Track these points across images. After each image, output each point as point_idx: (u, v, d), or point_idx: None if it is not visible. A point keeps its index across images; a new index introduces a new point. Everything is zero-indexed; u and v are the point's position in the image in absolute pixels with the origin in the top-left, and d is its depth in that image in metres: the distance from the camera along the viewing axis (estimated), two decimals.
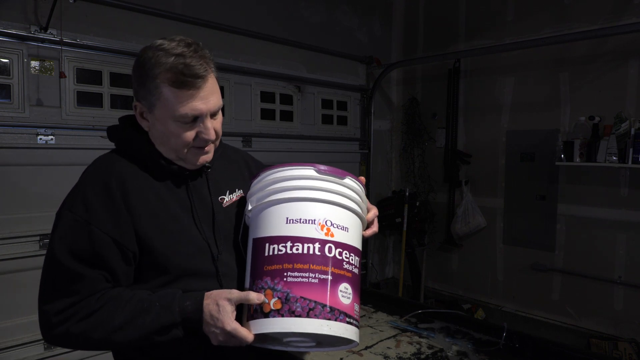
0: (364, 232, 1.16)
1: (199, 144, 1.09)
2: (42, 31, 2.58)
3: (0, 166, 2.51)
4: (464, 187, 4.28)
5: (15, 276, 2.54)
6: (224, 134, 1.18)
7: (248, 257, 1.08)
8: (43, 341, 2.59)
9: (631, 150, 3.16)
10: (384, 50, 4.78)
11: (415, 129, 4.69)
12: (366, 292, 2.48)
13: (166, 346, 1.06)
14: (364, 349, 1.76)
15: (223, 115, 1.16)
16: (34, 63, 2.61)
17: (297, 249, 0.99)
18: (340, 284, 0.99)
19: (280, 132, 3.90)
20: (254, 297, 0.99)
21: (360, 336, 1.07)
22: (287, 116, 4.00)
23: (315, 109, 4.20)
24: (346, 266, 1.02)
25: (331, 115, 4.39)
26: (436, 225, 4.60)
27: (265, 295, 0.98)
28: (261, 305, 0.97)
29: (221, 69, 3.42)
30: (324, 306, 0.96)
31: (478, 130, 4.30)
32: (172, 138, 1.06)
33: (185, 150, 1.08)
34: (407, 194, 4.35)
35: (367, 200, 1.17)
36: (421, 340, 1.85)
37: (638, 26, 3.10)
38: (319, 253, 0.99)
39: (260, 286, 0.99)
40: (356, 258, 1.05)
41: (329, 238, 1.01)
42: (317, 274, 0.97)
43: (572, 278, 3.74)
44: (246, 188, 1.26)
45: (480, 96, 4.28)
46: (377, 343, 1.81)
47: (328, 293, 0.97)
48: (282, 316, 0.95)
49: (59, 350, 2.62)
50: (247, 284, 1.05)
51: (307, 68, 4.08)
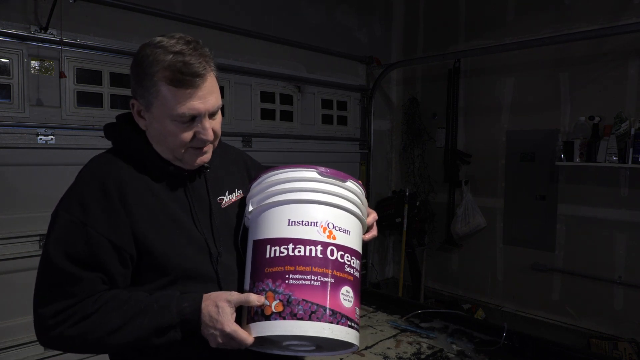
0: (364, 236, 1.15)
1: (197, 145, 1.07)
2: (42, 31, 2.58)
3: (0, 166, 2.51)
4: (464, 187, 4.28)
5: (15, 276, 2.54)
6: (224, 134, 1.17)
7: (248, 259, 1.07)
8: None
9: (631, 150, 3.16)
10: (384, 50, 4.78)
11: (415, 129, 4.69)
12: (366, 292, 2.48)
13: (165, 348, 1.05)
14: (364, 349, 1.76)
15: (223, 115, 1.15)
16: (34, 63, 2.61)
17: (299, 251, 0.98)
18: (342, 287, 0.98)
19: (280, 132, 3.90)
20: (255, 299, 0.97)
21: (360, 336, 1.07)
22: (287, 116, 4.00)
23: (315, 109, 4.20)
24: (348, 269, 1.01)
25: (331, 115, 4.39)
26: (436, 225, 4.60)
27: (266, 297, 0.96)
28: (262, 307, 0.96)
29: (221, 69, 3.41)
30: (326, 309, 0.95)
31: (478, 130, 4.30)
32: (169, 137, 1.04)
33: (182, 150, 1.06)
34: (407, 194, 4.35)
35: (367, 203, 1.17)
36: (421, 340, 1.85)
37: (638, 26, 3.10)
38: (321, 256, 0.98)
39: (261, 288, 0.98)
40: (357, 261, 1.05)
41: (331, 241, 1.00)
42: (319, 277, 0.97)
43: (572, 278, 3.74)
44: (245, 189, 1.25)
45: (480, 96, 4.28)
46: (377, 343, 1.81)
47: (330, 296, 0.96)
48: (284, 319, 0.94)
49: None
50: (247, 286, 1.03)
51: (307, 68, 4.08)
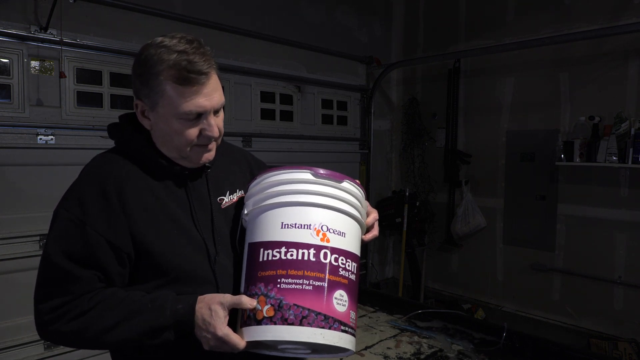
0: (364, 237, 1.14)
1: (203, 142, 1.08)
2: (42, 31, 2.58)
3: (0, 166, 2.51)
4: (464, 187, 4.28)
5: (15, 276, 2.54)
6: (225, 134, 1.17)
7: (244, 261, 1.07)
8: (43, 341, 2.59)
9: (631, 150, 3.16)
10: (384, 50, 4.78)
11: (415, 129, 4.69)
12: (366, 292, 2.48)
13: (164, 346, 1.05)
14: (364, 349, 1.76)
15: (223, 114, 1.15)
16: (34, 63, 2.61)
17: (292, 255, 0.97)
18: (335, 291, 0.97)
19: (280, 132, 3.90)
20: (246, 302, 0.97)
21: (360, 336, 1.07)
22: (287, 116, 4.00)
23: (315, 109, 4.20)
24: (342, 272, 0.99)
25: (331, 115, 4.39)
26: (436, 225, 4.60)
27: (258, 301, 0.96)
28: (254, 312, 0.96)
29: (221, 69, 3.41)
30: (318, 314, 0.94)
31: (478, 130, 4.30)
32: (175, 136, 1.05)
33: (188, 148, 1.07)
34: (407, 194, 4.35)
35: (368, 203, 1.15)
36: (421, 340, 1.85)
37: (638, 26, 3.10)
38: (314, 259, 0.97)
39: (253, 292, 0.98)
40: (353, 264, 1.03)
41: (325, 244, 0.99)
42: (312, 281, 0.96)
43: (572, 278, 3.74)
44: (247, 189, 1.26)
45: (480, 96, 4.28)
46: (377, 343, 1.81)
47: (323, 300, 0.95)
48: (275, 324, 0.94)
49: (59, 350, 2.62)
50: (242, 289, 1.03)
51: (307, 68, 4.08)
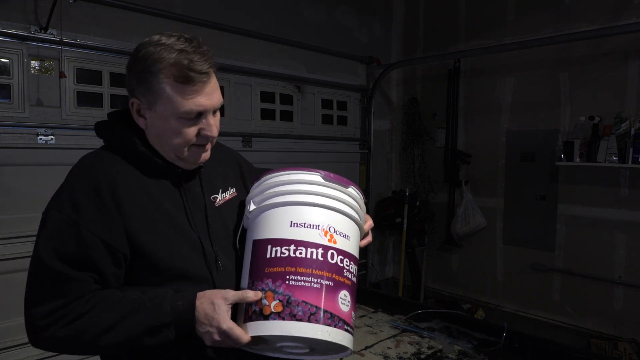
0: (360, 242, 1.16)
1: (201, 142, 1.06)
2: (42, 31, 2.58)
3: (0, 166, 2.51)
4: (464, 187, 4.28)
5: (15, 276, 2.53)
6: (225, 134, 1.18)
7: (246, 259, 1.07)
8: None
9: (631, 150, 3.16)
10: (384, 50, 4.78)
11: (415, 129, 4.69)
12: (366, 292, 2.48)
13: (158, 350, 1.03)
14: (364, 349, 1.76)
15: (223, 115, 1.15)
16: (34, 63, 2.61)
17: (301, 253, 0.98)
18: (340, 291, 0.99)
19: (280, 132, 3.90)
20: (251, 295, 0.97)
21: (360, 336, 1.07)
22: (287, 116, 4.00)
23: (315, 109, 4.20)
24: (346, 274, 1.02)
25: (331, 115, 4.39)
26: (436, 225, 4.60)
27: (265, 297, 0.97)
28: (261, 308, 0.96)
29: (221, 69, 3.42)
30: (325, 312, 0.95)
31: (478, 130, 4.30)
32: (174, 136, 1.03)
33: (185, 148, 1.05)
34: (407, 194, 4.35)
35: (365, 210, 1.18)
36: (421, 340, 1.85)
37: (638, 26, 3.10)
38: (322, 259, 0.99)
39: (260, 288, 0.98)
40: (355, 266, 1.06)
41: (332, 245, 1.01)
42: (320, 280, 0.97)
43: (572, 278, 3.74)
44: (239, 187, 1.26)
45: (480, 96, 4.28)
46: (377, 343, 1.81)
47: (330, 299, 0.97)
48: (283, 319, 0.94)
49: None
50: (245, 285, 1.03)
51: (307, 68, 4.08)
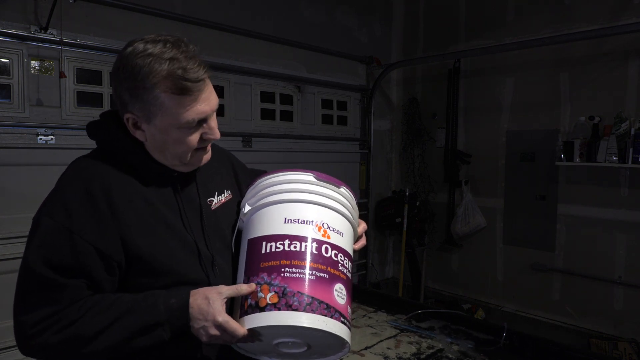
0: (354, 245, 1.16)
1: (203, 145, 1.06)
2: (42, 31, 2.58)
3: (0, 166, 2.51)
4: (464, 187, 4.28)
5: (15, 276, 2.52)
6: (225, 134, 1.18)
7: (241, 258, 1.07)
8: None
9: (631, 150, 3.16)
10: (384, 50, 4.78)
11: (415, 129, 4.69)
12: (366, 292, 2.48)
13: (154, 351, 1.01)
14: (364, 349, 1.76)
15: (223, 115, 1.16)
16: (34, 63, 2.61)
17: (295, 247, 1.00)
18: (335, 284, 1.00)
19: (280, 132, 3.90)
20: (245, 288, 0.98)
21: (360, 336, 1.07)
22: (287, 116, 4.00)
23: (315, 109, 4.20)
24: (341, 268, 1.03)
25: (331, 115, 4.39)
26: (436, 225, 4.60)
27: (261, 289, 0.97)
28: (256, 300, 0.97)
29: (221, 69, 3.43)
30: (321, 302, 0.96)
31: (478, 130, 4.30)
32: (177, 146, 1.01)
33: (189, 155, 1.04)
34: (407, 194, 4.35)
35: (358, 213, 1.19)
36: (421, 340, 1.85)
37: (638, 26, 3.10)
38: (316, 252, 1.01)
39: (256, 282, 0.99)
40: (349, 263, 1.07)
41: (326, 239, 1.03)
42: (314, 272, 0.98)
43: (572, 278, 3.74)
44: (234, 189, 1.26)
45: (480, 96, 4.28)
46: (377, 343, 1.81)
47: (325, 290, 0.98)
48: (279, 309, 0.95)
49: None
50: (241, 282, 1.03)
51: (307, 68, 4.08)
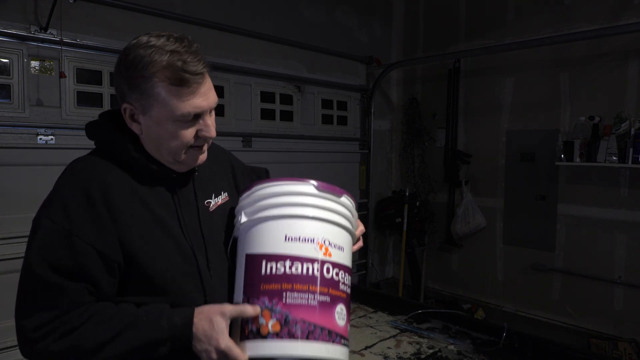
0: (352, 247, 1.14)
1: (199, 143, 1.04)
2: (42, 31, 2.58)
3: (0, 166, 2.51)
4: (464, 187, 4.28)
5: (15, 276, 2.49)
6: (225, 134, 1.18)
7: (239, 272, 1.04)
8: None
9: (631, 150, 3.16)
10: (384, 50, 4.78)
11: (415, 129, 4.69)
12: (366, 292, 2.48)
13: None
14: (364, 349, 1.76)
15: (223, 115, 1.15)
16: (34, 63, 2.61)
17: (297, 269, 0.97)
18: (337, 306, 0.99)
19: (280, 132, 3.89)
20: (250, 310, 0.95)
21: (360, 336, 1.08)
22: (287, 116, 4.00)
23: (315, 109, 4.20)
24: (342, 287, 1.02)
25: (331, 115, 4.39)
26: (436, 225, 4.60)
27: (262, 315, 0.95)
28: (258, 327, 0.95)
29: (221, 69, 3.43)
30: (323, 329, 0.95)
31: (478, 130, 4.30)
32: (171, 140, 1.00)
33: (183, 151, 1.02)
34: (407, 194, 4.35)
35: (357, 216, 1.17)
36: (421, 340, 1.85)
37: (638, 26, 3.10)
38: (318, 274, 0.98)
39: (256, 305, 0.97)
40: (349, 277, 1.06)
41: (327, 258, 1.00)
42: (317, 296, 0.97)
43: (572, 278, 3.74)
44: (231, 191, 1.24)
45: (480, 96, 4.28)
46: (377, 343, 1.81)
47: (327, 316, 0.97)
48: (282, 339, 0.93)
49: None
50: (240, 300, 1.01)
51: (307, 68, 4.08)
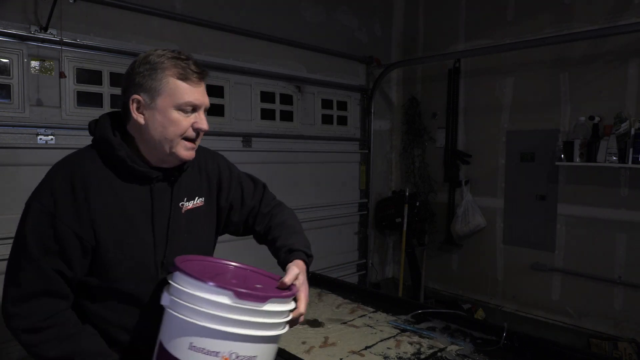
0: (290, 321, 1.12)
1: (191, 135, 1.20)
2: (42, 31, 2.58)
3: (0, 166, 2.51)
4: (464, 187, 4.28)
5: None
6: (225, 134, 1.21)
7: (154, 351, 1.07)
8: None
9: (631, 150, 3.16)
10: (384, 50, 4.78)
11: (415, 129, 4.69)
12: (366, 292, 2.48)
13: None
14: (364, 349, 1.76)
15: (223, 115, 1.22)
16: (34, 63, 2.61)
17: None
18: None
19: (280, 132, 3.89)
20: None
21: (360, 336, 1.07)
22: (287, 116, 4.00)
23: (315, 109, 4.20)
24: None
25: (331, 115, 4.39)
26: (436, 225, 4.60)
27: None
28: None
29: (221, 69, 3.44)
30: None
31: (478, 130, 4.30)
32: (171, 126, 1.16)
33: (179, 139, 1.18)
34: (407, 194, 4.35)
35: (303, 286, 1.16)
36: (421, 340, 1.85)
37: (638, 26, 3.10)
38: None
39: None
40: None
41: None
42: None
43: (572, 278, 3.74)
44: (210, 198, 1.36)
45: (480, 96, 4.28)
46: (377, 343, 1.81)
47: None
48: None
49: None
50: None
51: (307, 68, 4.08)
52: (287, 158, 3.91)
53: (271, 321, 1.03)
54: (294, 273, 1.15)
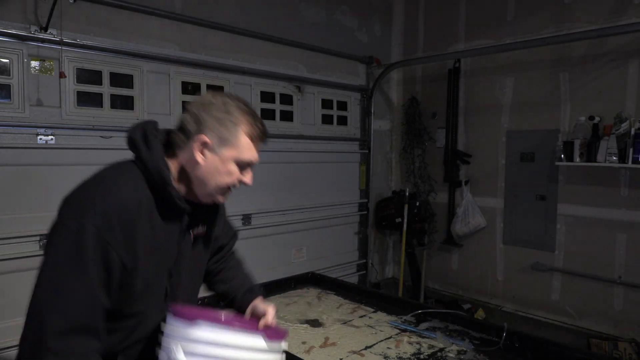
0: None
1: (236, 187, 1.26)
2: (42, 31, 2.58)
3: (0, 166, 2.51)
4: (464, 187, 4.28)
5: (15, 276, 2.53)
6: None
7: None
8: None
9: (631, 150, 3.16)
10: (384, 50, 4.78)
11: (415, 129, 4.69)
12: (366, 292, 2.48)
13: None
14: (364, 349, 1.76)
15: None
16: (34, 63, 2.61)
17: None
18: None
19: (280, 132, 3.89)
20: None
21: (360, 336, 1.07)
22: (287, 116, 4.00)
23: (315, 109, 4.20)
24: None
25: (331, 115, 4.39)
26: (436, 225, 4.60)
27: None
28: None
29: (221, 69, 3.44)
30: None
31: (478, 130, 4.30)
32: (226, 176, 1.20)
33: (227, 189, 1.23)
34: (407, 194, 4.35)
35: (269, 310, 1.32)
36: (421, 340, 1.85)
37: (638, 26, 3.10)
38: None
39: None
40: None
41: None
42: None
43: (572, 278, 3.74)
44: (209, 227, 1.36)
45: (480, 96, 4.28)
46: (377, 343, 1.81)
47: None
48: None
49: None
50: None
51: (307, 68, 4.08)
52: (287, 158, 3.91)
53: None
54: (270, 311, 1.33)
